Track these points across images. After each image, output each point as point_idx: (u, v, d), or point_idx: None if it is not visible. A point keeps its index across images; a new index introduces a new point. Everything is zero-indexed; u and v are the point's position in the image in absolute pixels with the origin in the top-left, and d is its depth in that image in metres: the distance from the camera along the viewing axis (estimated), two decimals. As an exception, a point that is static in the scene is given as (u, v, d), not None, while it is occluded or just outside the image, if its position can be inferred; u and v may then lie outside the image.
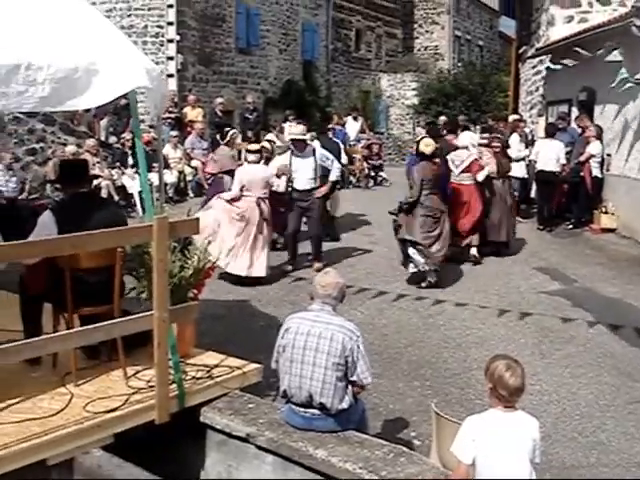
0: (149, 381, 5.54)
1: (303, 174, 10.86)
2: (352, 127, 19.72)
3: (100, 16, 5.87)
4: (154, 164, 14.22)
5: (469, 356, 7.87)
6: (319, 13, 29.17)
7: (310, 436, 5.17)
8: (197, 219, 5.47)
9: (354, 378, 5.15)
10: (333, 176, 11.47)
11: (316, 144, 12.14)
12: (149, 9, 22.28)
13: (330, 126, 18.03)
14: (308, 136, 12.04)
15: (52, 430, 4.88)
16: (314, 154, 11.06)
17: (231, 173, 11.29)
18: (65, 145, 15.00)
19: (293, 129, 11.78)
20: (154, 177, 14.98)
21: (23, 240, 5.26)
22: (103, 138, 17.09)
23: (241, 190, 10.19)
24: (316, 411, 5.20)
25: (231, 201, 10.22)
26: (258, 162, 10.57)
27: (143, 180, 5.31)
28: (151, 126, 17.13)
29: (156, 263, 5.07)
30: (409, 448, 5.39)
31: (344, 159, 14.77)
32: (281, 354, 5.28)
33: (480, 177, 11.69)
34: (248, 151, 10.79)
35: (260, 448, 5.30)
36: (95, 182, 12.40)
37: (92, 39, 5.12)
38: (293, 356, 5.17)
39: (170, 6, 21.79)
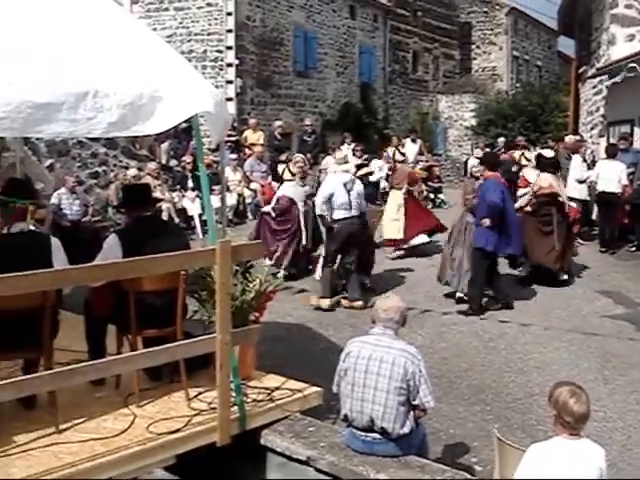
0: (210, 403, 5.57)
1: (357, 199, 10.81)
2: (410, 149, 19.68)
3: (162, 42, 6.00)
4: (214, 187, 14.41)
5: (530, 381, 7.75)
6: (376, 35, 29.32)
7: (371, 460, 5.14)
8: (259, 243, 5.52)
9: (417, 402, 5.12)
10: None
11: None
12: (208, 34, 22.67)
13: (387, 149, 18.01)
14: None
15: (116, 450, 4.94)
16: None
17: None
18: (127, 168, 15.27)
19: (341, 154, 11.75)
20: (215, 200, 15.24)
21: (86, 263, 5.38)
22: (164, 161, 17.34)
23: None
24: (377, 435, 5.17)
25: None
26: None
27: (206, 203, 5.37)
28: (209, 149, 17.38)
29: (219, 286, 5.12)
30: (470, 474, 5.33)
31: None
32: (342, 378, 5.28)
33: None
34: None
35: (320, 471, 5.28)
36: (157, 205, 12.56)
37: (156, 65, 5.21)
38: (355, 380, 5.16)
39: (229, 31, 22.15)
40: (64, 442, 5.02)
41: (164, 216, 14.11)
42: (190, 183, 15.78)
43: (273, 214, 11.92)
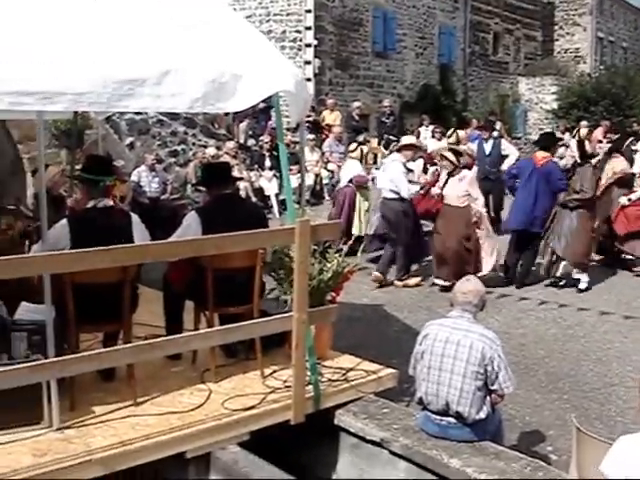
0: (285, 381, 5.59)
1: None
2: (491, 132, 19.37)
3: (244, 22, 6.01)
4: (292, 167, 14.43)
5: (610, 370, 7.58)
6: (456, 16, 28.89)
7: (445, 445, 5.09)
8: (338, 223, 5.51)
9: (495, 387, 5.04)
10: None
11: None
12: (287, 14, 22.68)
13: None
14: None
15: (191, 424, 5.01)
16: None
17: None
18: (206, 147, 15.40)
19: (406, 138, 11.61)
20: (292, 180, 15.27)
21: (165, 239, 5.47)
22: (242, 141, 17.45)
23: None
24: (452, 419, 5.12)
25: None
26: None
27: (286, 183, 5.37)
28: (288, 129, 17.40)
29: (297, 265, 5.12)
30: (546, 463, 5.23)
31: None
32: (419, 360, 5.23)
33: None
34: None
35: (394, 454, 5.26)
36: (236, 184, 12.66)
37: (238, 44, 5.22)
38: (431, 363, 5.11)
39: (308, 11, 22.10)
40: (141, 414, 5.12)
41: (241, 195, 14.21)
42: (267, 163, 15.84)
43: None
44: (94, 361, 4.70)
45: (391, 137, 14.49)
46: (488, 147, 14.51)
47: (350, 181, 12.20)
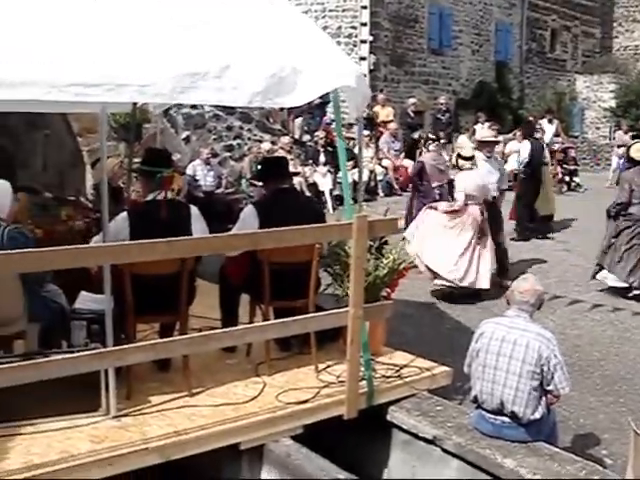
0: (339, 376, 5.61)
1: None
2: (547, 130, 19.14)
3: (304, 17, 6.03)
4: (347, 163, 14.40)
5: (668, 374, 7.44)
6: (513, 13, 28.53)
7: (499, 444, 5.05)
8: (395, 219, 5.50)
9: (550, 387, 4.98)
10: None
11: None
12: (343, 10, 22.63)
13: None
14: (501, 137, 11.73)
15: (245, 416, 5.06)
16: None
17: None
18: (260, 142, 15.48)
19: (484, 132, 11.43)
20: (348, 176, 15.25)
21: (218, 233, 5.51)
22: (297, 136, 17.48)
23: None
24: (507, 419, 5.08)
25: (451, 211, 9.73)
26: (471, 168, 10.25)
27: (344, 178, 5.39)
28: (342, 125, 17.38)
29: (354, 261, 5.12)
30: (601, 467, 5.16)
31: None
32: (474, 358, 5.20)
33: None
34: (460, 157, 10.20)
35: (446, 452, 5.23)
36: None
37: (297, 39, 5.24)
38: (486, 361, 5.08)
39: (364, 7, 22.04)
40: (196, 405, 5.18)
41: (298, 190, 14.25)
42: (322, 158, 15.85)
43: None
44: (151, 351, 4.77)
45: (429, 135, 14.32)
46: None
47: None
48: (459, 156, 10.20)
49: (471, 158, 10.11)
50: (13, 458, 4.38)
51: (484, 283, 9.52)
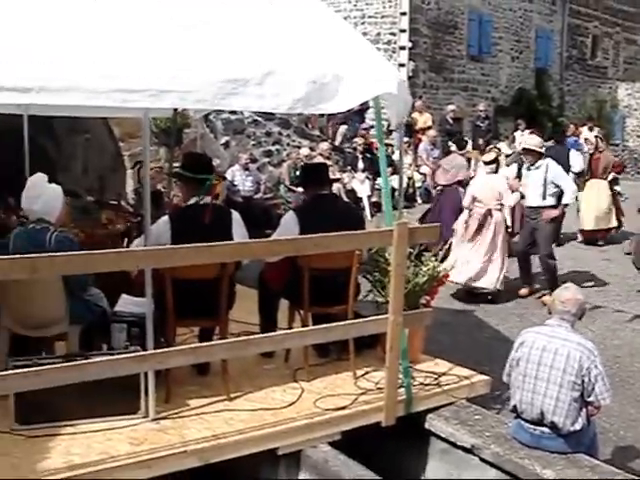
0: (377, 383, 5.60)
1: (533, 189, 10.01)
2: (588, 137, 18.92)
3: (345, 23, 6.04)
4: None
5: None
6: (554, 19, 28.31)
7: (538, 454, 5.00)
8: (436, 227, 5.48)
9: (591, 398, 4.92)
10: (567, 199, 9.99)
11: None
12: (382, 17, 22.63)
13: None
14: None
15: (284, 421, 5.06)
16: (546, 169, 9.96)
17: (462, 183, 11.20)
18: (299, 148, 15.52)
19: (528, 139, 11.28)
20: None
21: (256, 239, 5.54)
22: (339, 143, 17.46)
23: (472, 201, 9.98)
24: (546, 429, 5.03)
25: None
26: (494, 172, 10.29)
27: (384, 185, 5.38)
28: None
29: (394, 267, 5.11)
30: (642, 480, 5.09)
31: (578, 167, 14.03)
32: (514, 368, 5.16)
33: None
34: (484, 162, 10.42)
35: (484, 461, 5.19)
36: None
37: (339, 46, 5.25)
38: (527, 371, 5.04)
39: (403, 13, 22.01)
40: (234, 409, 5.20)
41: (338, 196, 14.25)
42: (360, 164, 15.85)
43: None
44: (192, 355, 4.79)
45: (463, 140, 14.28)
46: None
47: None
48: (483, 161, 10.53)
49: (492, 162, 10.27)
50: (54, 458, 4.43)
51: (490, 284, 9.73)
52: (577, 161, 13.87)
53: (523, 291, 10.24)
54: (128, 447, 4.60)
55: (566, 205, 10.14)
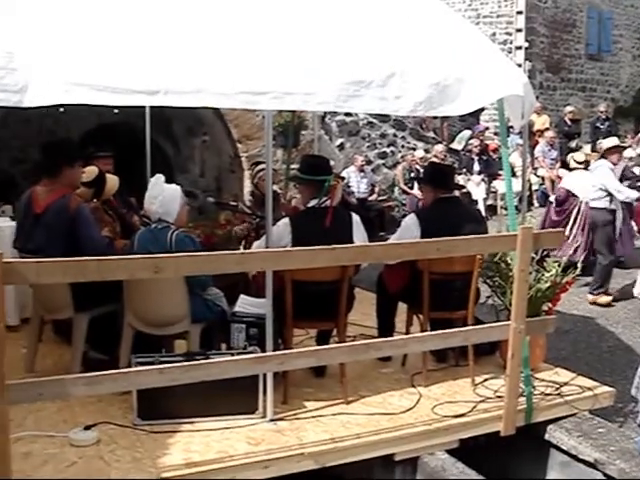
0: (496, 391, 5.48)
1: None
2: None
3: (467, 23, 5.94)
4: (500, 173, 14.20)
5: None
6: (679, 16, 27.25)
7: (667, 473, 4.80)
8: (561, 232, 5.33)
9: None
10: None
11: None
12: (498, 16, 22.23)
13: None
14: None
15: (401, 427, 5.00)
16: None
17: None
18: (414, 150, 15.42)
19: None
20: (500, 185, 14.99)
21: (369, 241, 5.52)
22: (457, 146, 17.24)
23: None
24: (677, 446, 4.81)
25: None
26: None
27: (508, 188, 5.26)
28: (496, 133, 17.11)
29: (517, 273, 4.99)
30: None
31: None
32: (644, 380, 4.96)
33: None
34: (576, 161, 10.67)
35: (608, 477, 4.99)
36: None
37: (462, 46, 5.16)
38: (656, 384, 4.84)
39: (519, 12, 21.58)
40: (351, 413, 5.16)
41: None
42: (476, 167, 15.62)
43: (554, 204, 11.46)
44: (312, 357, 4.79)
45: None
46: None
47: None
48: (573, 159, 11.20)
49: (583, 162, 10.68)
50: (174, 454, 4.50)
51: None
52: None
53: None
54: (246, 447, 4.63)
55: None
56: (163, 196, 5.44)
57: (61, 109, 5.75)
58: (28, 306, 6.44)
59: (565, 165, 15.59)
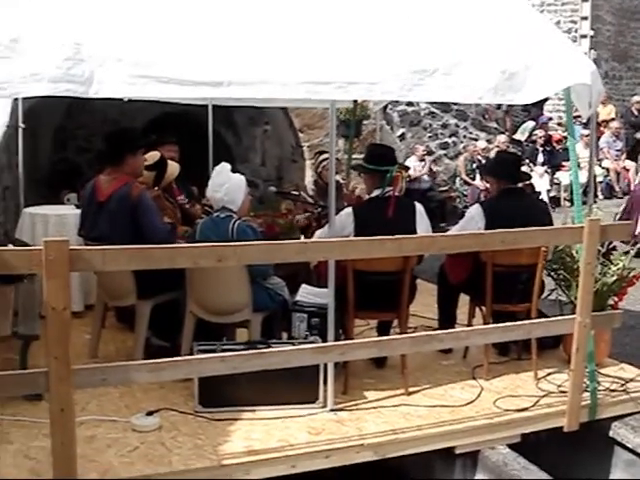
0: (560, 386, 5.39)
1: None
2: None
3: (534, 11, 5.85)
4: (564, 164, 13.98)
5: None
6: None
7: None
8: (629, 224, 5.21)
9: None
10: None
11: None
12: (562, 4, 21.83)
13: None
14: None
15: (462, 420, 4.95)
16: None
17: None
18: (476, 140, 15.27)
19: None
20: (564, 177, 14.77)
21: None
22: (520, 136, 17.01)
23: None
24: None
25: None
26: None
27: (574, 179, 5.17)
28: (559, 124, 16.84)
29: (583, 266, 4.89)
30: None
31: None
32: None
33: None
34: None
35: (674, 476, 4.91)
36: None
37: (529, 34, 5.09)
38: None
39: (585, 0, 21.19)
40: (412, 404, 5.13)
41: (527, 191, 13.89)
42: (540, 158, 15.39)
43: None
44: (374, 348, 4.77)
45: None
46: None
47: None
48: None
49: None
50: (235, 442, 4.52)
51: None
52: None
53: None
54: (307, 436, 4.63)
55: None
56: (229, 184, 5.47)
57: (125, 99, 5.85)
58: (92, 293, 6.57)
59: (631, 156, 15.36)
